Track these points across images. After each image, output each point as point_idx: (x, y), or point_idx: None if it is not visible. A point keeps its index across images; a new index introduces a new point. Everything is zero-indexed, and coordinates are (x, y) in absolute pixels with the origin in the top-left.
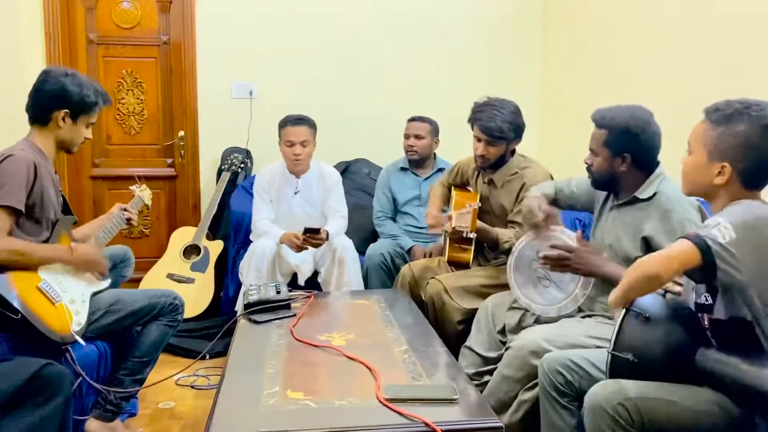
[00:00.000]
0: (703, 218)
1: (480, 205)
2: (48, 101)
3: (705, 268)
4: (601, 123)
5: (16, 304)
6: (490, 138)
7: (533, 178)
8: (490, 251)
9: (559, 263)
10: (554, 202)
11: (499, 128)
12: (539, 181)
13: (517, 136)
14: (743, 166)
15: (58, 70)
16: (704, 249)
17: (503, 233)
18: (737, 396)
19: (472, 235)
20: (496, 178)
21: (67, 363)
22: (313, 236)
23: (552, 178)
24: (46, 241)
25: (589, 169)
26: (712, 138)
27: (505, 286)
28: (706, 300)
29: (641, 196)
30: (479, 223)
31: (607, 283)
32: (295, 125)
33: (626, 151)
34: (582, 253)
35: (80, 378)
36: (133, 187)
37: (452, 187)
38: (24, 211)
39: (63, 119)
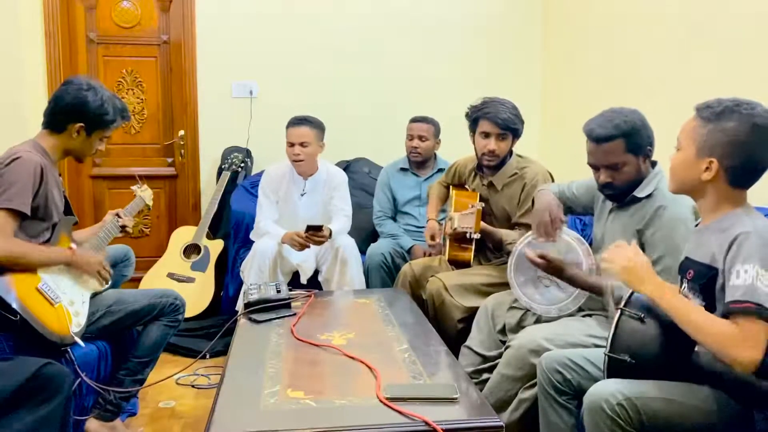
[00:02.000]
0: (697, 218)
1: (483, 205)
2: (66, 112)
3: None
4: (614, 134)
5: (14, 306)
6: (502, 130)
7: (533, 177)
8: (492, 251)
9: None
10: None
11: (510, 119)
12: (539, 180)
13: (521, 130)
14: (730, 162)
15: (80, 82)
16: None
17: (508, 234)
18: (735, 392)
19: (476, 236)
20: (495, 180)
21: (67, 364)
22: (315, 234)
23: (551, 176)
24: (47, 241)
25: (609, 186)
26: (701, 134)
27: (506, 285)
28: None
29: (640, 195)
30: (483, 225)
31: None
32: (296, 126)
33: (648, 145)
34: (553, 267)
35: (79, 378)
36: (134, 187)
37: (451, 187)
38: (29, 214)
39: (77, 132)
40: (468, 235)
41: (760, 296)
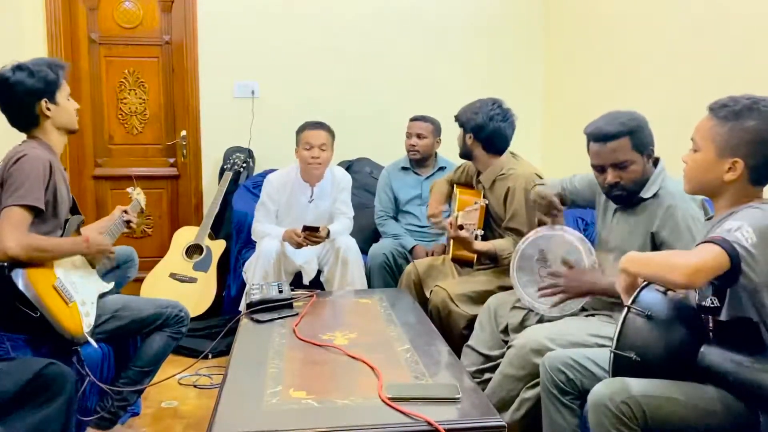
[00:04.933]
0: (706, 214)
1: (487, 202)
2: (21, 105)
3: (730, 272)
4: (621, 131)
5: (35, 302)
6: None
7: (515, 181)
8: (489, 262)
9: (556, 291)
10: (561, 201)
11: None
12: (518, 185)
13: (468, 126)
14: (755, 161)
15: (6, 74)
16: (733, 254)
17: (501, 247)
18: (740, 393)
19: (480, 232)
20: (483, 178)
21: (74, 364)
22: (312, 234)
23: (540, 177)
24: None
25: (616, 186)
26: (721, 134)
27: (511, 289)
28: (712, 303)
29: (645, 196)
30: (478, 244)
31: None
32: (315, 129)
33: (650, 144)
34: (571, 276)
35: (87, 379)
36: (129, 189)
37: (455, 185)
38: (43, 208)
39: (47, 108)
40: (471, 232)
41: (731, 236)
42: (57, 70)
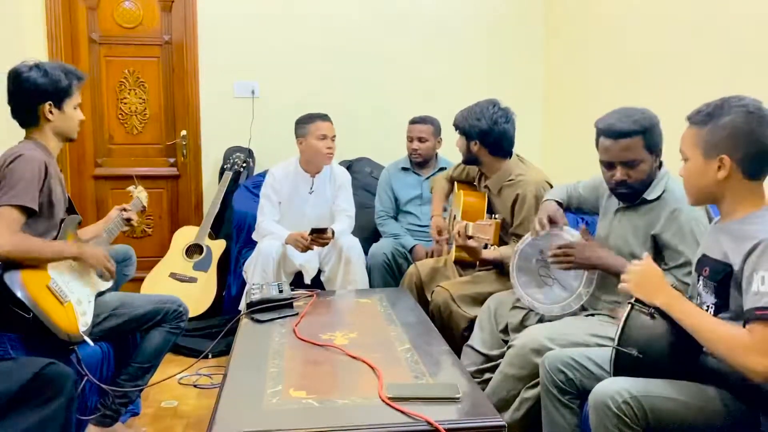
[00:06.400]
0: (709, 216)
1: (503, 217)
2: (26, 102)
3: None
4: (635, 129)
5: (27, 303)
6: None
7: (525, 187)
8: (495, 268)
9: (564, 260)
10: (566, 207)
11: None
12: (529, 192)
13: (471, 132)
14: (740, 153)
15: (21, 68)
16: None
17: (507, 255)
18: (742, 393)
19: (493, 248)
20: (491, 183)
21: (73, 364)
22: (320, 236)
23: (550, 185)
24: (54, 239)
25: (623, 184)
26: (702, 137)
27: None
28: (708, 309)
29: (649, 197)
30: (485, 252)
31: (612, 276)
32: (326, 120)
33: (661, 144)
34: (584, 246)
35: (85, 378)
36: (130, 188)
37: (456, 183)
38: (37, 209)
39: (50, 112)
40: (487, 246)
41: None
42: (72, 79)
